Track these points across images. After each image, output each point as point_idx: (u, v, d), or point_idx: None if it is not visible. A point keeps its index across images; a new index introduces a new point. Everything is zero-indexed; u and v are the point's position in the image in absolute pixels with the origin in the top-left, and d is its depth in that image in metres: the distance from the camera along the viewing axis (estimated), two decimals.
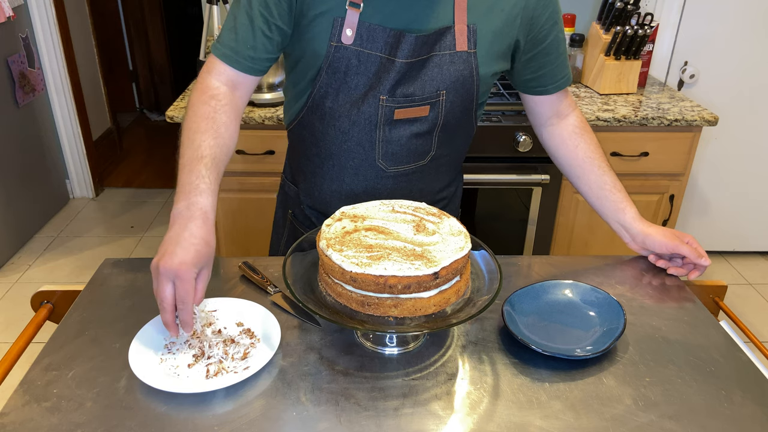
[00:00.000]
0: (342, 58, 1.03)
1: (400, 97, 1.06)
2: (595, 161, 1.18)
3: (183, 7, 4.60)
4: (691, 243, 1.11)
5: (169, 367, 0.86)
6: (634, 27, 2.15)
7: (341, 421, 0.79)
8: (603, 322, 0.96)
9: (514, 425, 0.79)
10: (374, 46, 1.02)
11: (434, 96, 1.07)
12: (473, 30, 1.04)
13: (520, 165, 2.10)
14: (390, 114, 1.07)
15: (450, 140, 1.16)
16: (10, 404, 0.80)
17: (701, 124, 2.09)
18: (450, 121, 1.11)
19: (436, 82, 1.06)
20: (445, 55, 1.05)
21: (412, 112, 1.08)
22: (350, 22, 1.00)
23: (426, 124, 1.10)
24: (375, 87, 1.05)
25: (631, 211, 1.15)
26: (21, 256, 2.91)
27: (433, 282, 0.83)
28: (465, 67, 1.06)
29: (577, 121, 1.21)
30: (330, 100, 1.07)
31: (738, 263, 2.93)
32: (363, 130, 1.09)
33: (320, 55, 1.03)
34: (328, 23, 1.01)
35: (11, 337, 2.35)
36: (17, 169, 2.92)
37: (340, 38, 1.01)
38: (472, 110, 1.13)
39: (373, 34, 1.01)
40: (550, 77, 1.17)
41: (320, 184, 1.18)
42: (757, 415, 0.82)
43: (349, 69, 1.04)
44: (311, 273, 0.96)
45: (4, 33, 2.78)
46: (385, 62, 1.03)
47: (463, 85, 1.08)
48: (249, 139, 2.02)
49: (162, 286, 0.84)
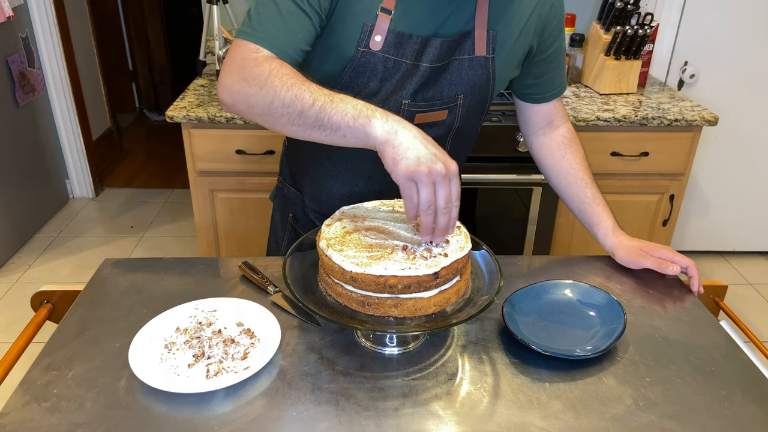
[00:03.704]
0: (368, 63, 1.01)
1: (421, 102, 1.05)
2: (578, 174, 1.19)
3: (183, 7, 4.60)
4: (661, 254, 1.09)
5: (169, 367, 0.86)
6: (634, 27, 2.15)
7: (341, 421, 0.79)
8: (603, 322, 0.96)
9: (514, 425, 0.79)
10: (402, 53, 1.01)
11: (453, 100, 1.07)
12: (492, 36, 1.04)
13: (520, 165, 2.10)
14: (411, 118, 1.06)
15: (461, 143, 1.17)
16: (10, 404, 0.80)
17: (701, 124, 2.09)
18: (464, 126, 1.12)
19: (454, 87, 1.06)
20: (464, 60, 1.04)
21: (432, 117, 1.07)
22: (380, 29, 0.98)
23: (442, 128, 1.10)
24: (397, 91, 1.04)
25: (605, 225, 1.15)
26: (21, 256, 2.91)
27: (433, 282, 0.83)
28: (483, 72, 1.06)
29: (567, 132, 1.23)
30: None
31: (738, 263, 2.93)
32: None
33: (347, 56, 1.00)
34: (358, 27, 0.98)
35: (11, 337, 2.35)
36: (17, 169, 2.92)
37: (369, 44, 0.99)
38: (483, 114, 1.14)
39: (401, 41, 1.00)
40: (548, 85, 1.18)
41: (329, 188, 1.17)
42: (757, 415, 0.82)
43: (374, 74, 1.02)
44: (311, 273, 0.96)
45: (4, 33, 2.78)
46: (410, 67, 1.02)
47: (480, 90, 1.08)
48: (249, 139, 2.03)
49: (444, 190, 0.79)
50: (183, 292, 1.02)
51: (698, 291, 1.08)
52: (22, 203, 2.98)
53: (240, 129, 2.01)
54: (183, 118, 1.97)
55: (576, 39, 2.34)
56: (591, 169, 1.20)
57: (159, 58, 4.70)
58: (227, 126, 2.00)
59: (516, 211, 2.22)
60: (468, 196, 2.18)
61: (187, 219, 3.28)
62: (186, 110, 1.99)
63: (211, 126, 2.00)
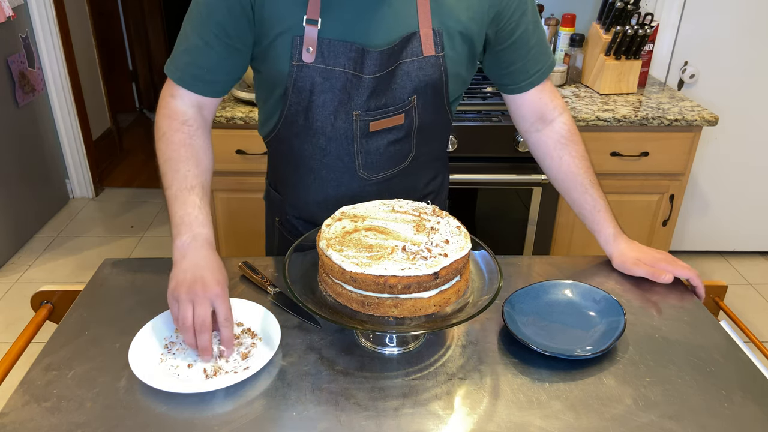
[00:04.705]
0: (306, 77, 1.00)
1: (374, 110, 1.04)
2: (578, 177, 1.15)
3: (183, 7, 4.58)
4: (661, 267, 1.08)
5: (169, 367, 0.86)
6: (634, 27, 2.15)
7: (341, 421, 0.79)
8: (603, 322, 0.96)
9: (514, 425, 0.79)
10: (337, 62, 1.00)
11: (406, 103, 1.05)
12: (439, 33, 1.01)
13: (520, 165, 2.10)
14: (365, 127, 1.05)
15: (429, 138, 1.14)
16: (10, 404, 0.80)
17: (701, 124, 2.09)
18: (425, 122, 1.10)
19: (406, 90, 1.04)
20: (413, 62, 1.02)
21: (387, 123, 1.06)
22: (309, 40, 0.98)
23: (402, 130, 1.08)
24: (346, 103, 1.03)
25: (606, 232, 1.13)
26: (21, 256, 2.91)
27: (433, 282, 0.83)
28: (434, 71, 1.04)
29: (564, 128, 1.16)
30: (302, 118, 1.06)
31: (738, 263, 2.93)
32: (341, 145, 1.07)
33: (284, 74, 1.01)
34: (287, 42, 0.99)
35: (11, 337, 2.35)
36: (17, 169, 2.92)
37: (301, 57, 0.99)
38: (445, 107, 1.11)
39: (334, 50, 0.99)
40: (521, 73, 1.12)
41: (305, 196, 1.17)
42: (757, 415, 0.82)
43: (314, 87, 1.01)
44: (311, 273, 0.96)
45: (4, 33, 2.78)
46: (351, 78, 1.01)
47: (434, 88, 1.06)
48: (249, 139, 2.02)
49: (202, 308, 0.86)
50: None
51: (702, 298, 1.08)
52: (22, 203, 2.98)
53: (240, 129, 2.01)
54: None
55: (576, 39, 2.34)
56: (593, 168, 1.16)
57: (159, 58, 4.69)
58: (227, 126, 2.00)
59: (516, 211, 2.22)
60: (468, 196, 2.18)
61: None
62: None
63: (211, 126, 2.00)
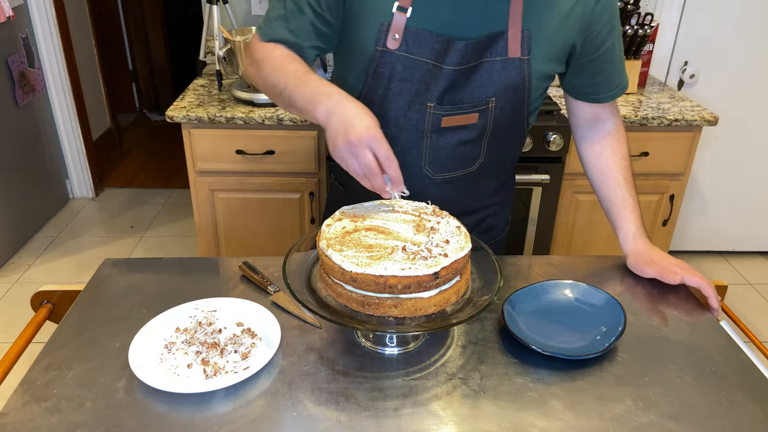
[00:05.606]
0: (387, 63, 1.01)
1: (448, 105, 1.04)
2: (613, 173, 1.16)
3: (183, 7, 4.59)
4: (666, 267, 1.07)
5: (169, 367, 0.86)
6: (634, 27, 2.15)
7: (341, 421, 0.79)
8: (603, 322, 0.96)
9: (514, 425, 0.79)
10: (420, 52, 0.99)
11: (483, 103, 1.04)
12: (528, 36, 1.01)
13: (520, 165, 2.07)
14: (437, 122, 1.05)
15: (500, 146, 1.13)
16: (10, 404, 0.80)
17: (701, 124, 2.09)
18: (500, 128, 1.09)
19: (485, 89, 1.03)
20: (497, 62, 1.01)
21: (460, 120, 1.05)
22: (397, 27, 0.98)
23: (474, 131, 1.07)
24: (422, 94, 1.03)
25: (627, 230, 1.13)
26: (21, 256, 2.91)
27: (433, 282, 0.83)
28: (517, 74, 1.03)
29: (613, 128, 1.19)
30: (376, 106, 1.05)
31: (738, 263, 2.93)
32: (410, 137, 1.07)
33: (367, 57, 1.01)
34: (374, 26, 0.99)
35: (11, 337, 2.35)
36: (17, 169, 2.92)
37: (386, 43, 0.99)
38: (524, 116, 1.10)
39: (419, 40, 0.99)
40: (604, 85, 1.14)
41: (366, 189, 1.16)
42: (757, 415, 0.82)
43: (393, 75, 1.01)
44: (311, 273, 0.96)
45: (4, 33, 2.78)
46: (432, 69, 1.00)
47: (514, 92, 1.05)
48: (249, 139, 2.02)
49: (362, 155, 0.87)
50: (183, 292, 1.02)
51: (718, 311, 1.04)
52: (22, 203, 2.98)
53: (240, 129, 2.01)
54: (183, 118, 1.97)
55: None
56: (631, 169, 1.18)
57: (159, 58, 4.69)
58: (227, 126, 2.00)
59: (516, 211, 2.22)
60: None
61: (187, 219, 3.27)
62: (186, 110, 1.99)
63: (211, 126, 2.00)
